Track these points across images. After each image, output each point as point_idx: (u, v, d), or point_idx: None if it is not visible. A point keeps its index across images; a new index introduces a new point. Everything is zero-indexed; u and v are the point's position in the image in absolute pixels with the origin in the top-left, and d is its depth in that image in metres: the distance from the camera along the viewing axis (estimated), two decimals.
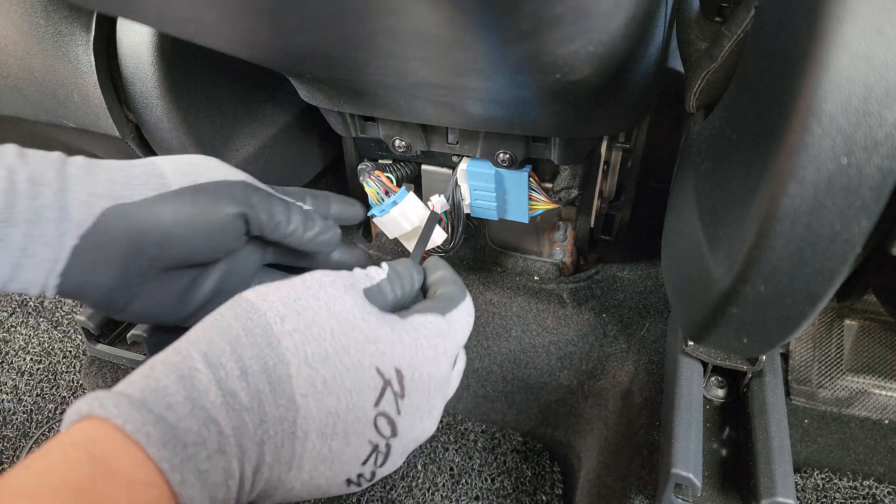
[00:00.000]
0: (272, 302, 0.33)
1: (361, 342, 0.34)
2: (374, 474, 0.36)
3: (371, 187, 0.68)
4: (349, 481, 0.35)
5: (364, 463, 0.35)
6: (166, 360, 0.30)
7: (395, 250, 0.88)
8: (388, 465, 0.37)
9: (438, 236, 0.69)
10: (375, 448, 0.35)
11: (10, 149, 0.38)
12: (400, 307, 0.41)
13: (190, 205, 0.41)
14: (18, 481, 0.24)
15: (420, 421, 0.37)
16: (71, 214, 0.38)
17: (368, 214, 0.68)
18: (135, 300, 0.42)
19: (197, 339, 0.31)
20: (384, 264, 0.42)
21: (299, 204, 0.49)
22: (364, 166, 0.71)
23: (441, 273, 0.44)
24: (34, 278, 0.38)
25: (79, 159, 0.41)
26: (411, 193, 0.67)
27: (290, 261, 0.52)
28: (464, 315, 0.41)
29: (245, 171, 0.61)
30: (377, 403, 0.34)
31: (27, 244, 0.37)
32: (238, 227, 0.43)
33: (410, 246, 0.71)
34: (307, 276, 0.37)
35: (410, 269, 0.43)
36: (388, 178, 0.69)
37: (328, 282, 0.36)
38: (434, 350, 0.37)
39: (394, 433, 0.35)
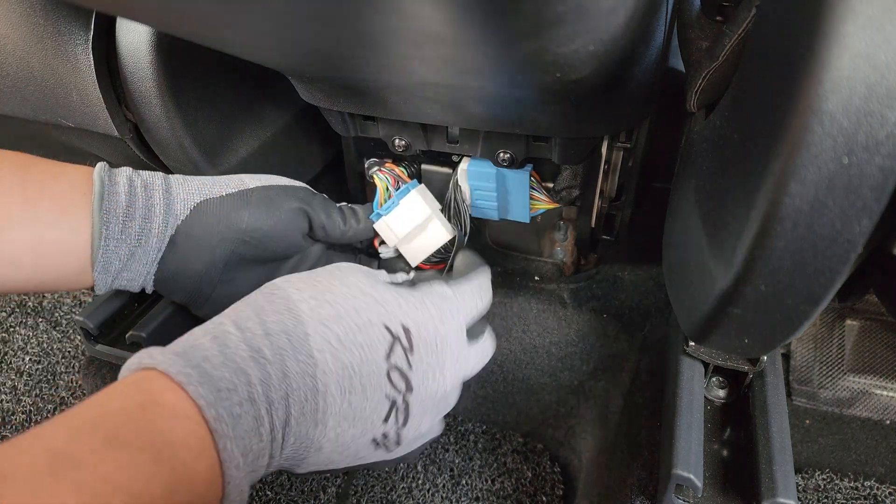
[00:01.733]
0: (293, 281, 0.38)
1: (370, 304, 0.38)
2: (398, 436, 0.39)
3: (381, 181, 0.66)
4: (375, 442, 0.38)
5: (385, 420, 0.38)
6: (203, 327, 0.35)
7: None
8: (410, 426, 0.39)
9: (448, 231, 0.66)
10: (394, 404, 0.38)
11: (126, 168, 0.47)
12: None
13: (263, 199, 0.49)
14: (82, 409, 0.30)
15: (432, 378, 0.40)
16: (174, 209, 0.46)
17: (370, 217, 0.64)
18: (218, 290, 0.48)
19: (229, 311, 0.37)
20: (412, 272, 0.48)
21: (345, 204, 0.57)
22: (373, 161, 0.70)
23: (461, 257, 0.51)
24: (140, 269, 0.45)
25: (177, 175, 0.49)
26: (414, 191, 0.65)
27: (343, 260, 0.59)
28: (473, 286, 0.46)
29: (244, 171, 0.62)
30: (388, 357, 0.38)
31: (141, 234, 0.44)
32: (302, 223, 0.52)
33: (412, 251, 0.68)
34: (329, 266, 0.42)
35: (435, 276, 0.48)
36: (402, 170, 0.68)
37: (346, 265, 0.42)
38: (438, 310, 0.41)
39: (408, 387, 0.39)
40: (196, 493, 0.30)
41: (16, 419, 0.90)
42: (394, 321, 0.38)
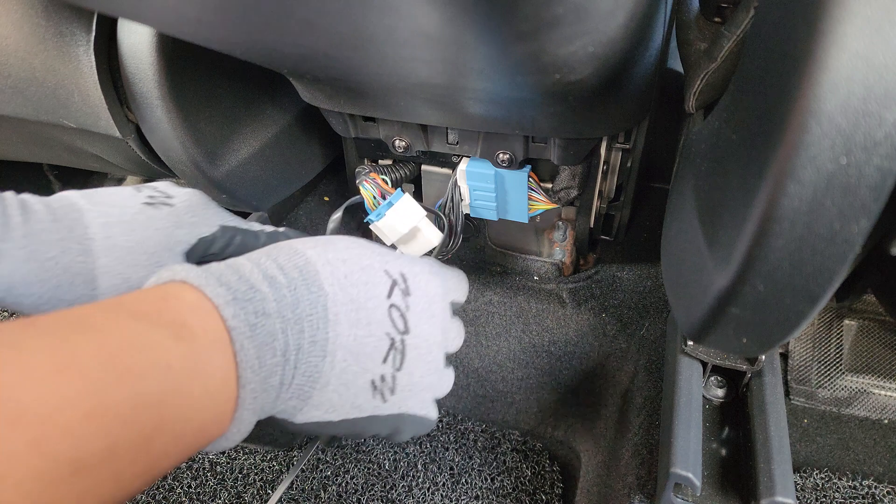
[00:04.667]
0: (296, 240, 0.40)
1: (371, 252, 0.41)
2: (394, 381, 0.40)
3: (367, 191, 0.68)
4: (374, 385, 0.39)
5: (385, 361, 0.39)
6: (218, 263, 0.36)
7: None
8: (404, 371, 0.41)
9: (435, 237, 0.69)
10: (392, 343, 0.40)
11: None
12: None
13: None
14: (109, 302, 0.31)
15: (427, 322, 0.42)
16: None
17: (365, 221, 0.68)
18: None
19: (242, 256, 0.37)
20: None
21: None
22: (360, 169, 0.71)
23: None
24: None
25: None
26: (407, 195, 0.67)
27: None
28: (457, 273, 0.48)
29: (245, 172, 0.61)
30: (389, 295, 0.40)
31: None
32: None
33: (408, 251, 0.70)
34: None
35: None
36: (383, 180, 0.69)
37: (350, 238, 0.44)
38: (430, 267, 0.44)
39: (406, 328, 0.41)
40: (210, 388, 0.30)
41: None
42: (393, 267, 0.41)
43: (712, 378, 0.58)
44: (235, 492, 0.80)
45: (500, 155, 0.64)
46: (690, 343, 0.56)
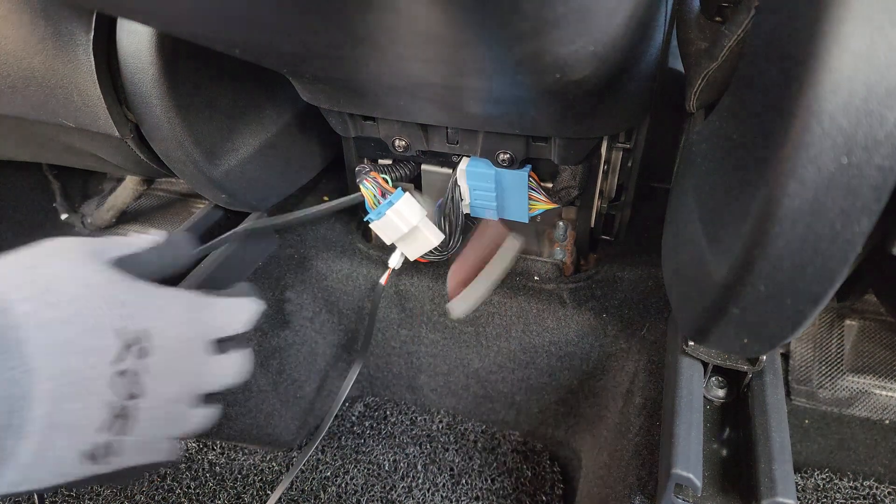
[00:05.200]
0: (7, 273, 0.33)
1: (104, 306, 0.34)
2: (120, 443, 0.35)
3: (367, 189, 0.68)
4: (90, 456, 0.34)
5: (105, 429, 0.34)
6: None
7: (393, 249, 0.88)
8: (134, 434, 0.36)
9: (435, 237, 0.69)
10: (117, 411, 0.35)
11: None
12: (170, 276, 0.42)
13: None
14: None
15: (167, 379, 0.37)
16: None
17: (365, 220, 0.68)
18: None
19: None
20: (161, 233, 0.43)
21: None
22: (361, 168, 0.71)
23: (240, 286, 0.46)
24: None
25: None
26: (407, 194, 0.67)
27: None
28: (233, 304, 0.43)
29: (245, 171, 0.60)
30: (119, 360, 0.34)
31: None
32: None
33: (408, 250, 0.71)
34: (48, 242, 0.37)
35: (185, 243, 0.44)
36: (384, 179, 0.69)
37: (69, 248, 0.36)
38: (186, 316, 0.39)
39: (138, 393, 0.35)
40: None
41: None
42: (131, 325, 0.35)
43: (713, 378, 0.58)
44: (235, 492, 0.80)
45: (501, 154, 0.64)
46: (691, 343, 0.56)
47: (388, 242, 0.69)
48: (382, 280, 0.75)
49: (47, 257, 0.35)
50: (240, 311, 0.44)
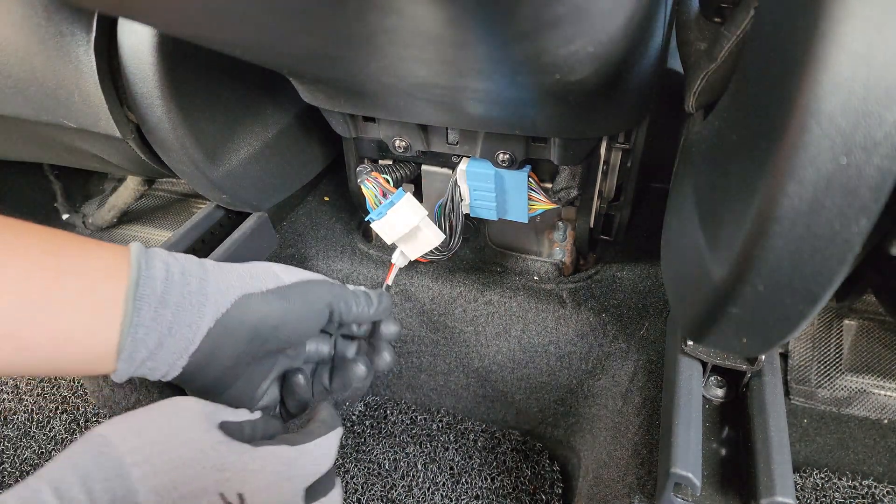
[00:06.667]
0: (124, 434, 0.36)
1: (209, 470, 0.37)
2: None
3: (369, 189, 0.68)
4: None
5: None
6: (15, 492, 0.32)
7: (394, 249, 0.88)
8: None
9: (435, 237, 0.69)
10: None
11: (161, 250, 0.45)
12: (260, 439, 0.45)
13: (300, 295, 0.49)
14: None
15: None
16: (209, 300, 0.44)
17: (367, 220, 0.69)
18: (236, 383, 0.48)
19: (47, 473, 0.33)
20: (257, 412, 0.46)
21: (361, 289, 0.56)
22: (362, 168, 0.71)
23: (321, 411, 0.49)
24: (167, 358, 0.43)
25: (211, 261, 0.48)
26: (408, 194, 0.67)
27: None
28: (319, 449, 0.45)
29: (246, 172, 0.61)
30: None
31: (174, 324, 0.42)
32: (325, 317, 0.51)
33: (408, 250, 0.71)
34: (165, 403, 0.40)
35: (272, 423, 0.47)
36: (385, 179, 0.69)
37: (183, 408, 0.40)
38: (277, 476, 0.41)
39: None
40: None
41: (18, 419, 0.90)
42: (230, 489, 0.38)
43: (712, 378, 0.58)
44: None
45: (500, 155, 0.64)
46: (690, 343, 0.56)
47: (388, 242, 0.70)
48: (389, 280, 0.74)
49: (163, 417, 0.39)
50: (329, 449, 0.46)
